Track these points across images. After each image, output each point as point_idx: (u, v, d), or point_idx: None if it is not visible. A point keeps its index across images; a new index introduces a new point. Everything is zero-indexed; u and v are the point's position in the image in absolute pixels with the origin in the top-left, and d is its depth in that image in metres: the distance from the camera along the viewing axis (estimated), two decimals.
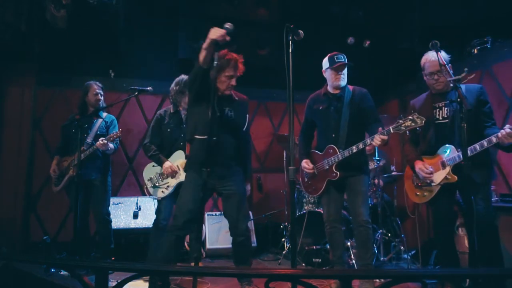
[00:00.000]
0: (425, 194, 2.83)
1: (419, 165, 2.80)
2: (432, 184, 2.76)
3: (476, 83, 2.96)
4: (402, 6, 4.76)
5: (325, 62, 3.18)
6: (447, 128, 2.74)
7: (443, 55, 2.61)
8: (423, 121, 2.61)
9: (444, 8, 4.37)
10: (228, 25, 2.47)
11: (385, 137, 2.78)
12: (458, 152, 2.62)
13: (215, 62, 2.43)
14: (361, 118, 3.13)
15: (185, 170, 2.95)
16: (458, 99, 2.23)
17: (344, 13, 4.99)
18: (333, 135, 3.11)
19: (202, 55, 2.58)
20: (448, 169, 2.67)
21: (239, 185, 2.88)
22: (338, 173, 3.05)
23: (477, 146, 2.53)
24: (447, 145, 2.71)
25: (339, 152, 3.03)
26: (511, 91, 3.81)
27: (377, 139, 2.80)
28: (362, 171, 3.11)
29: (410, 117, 2.66)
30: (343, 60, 3.09)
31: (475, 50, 4.09)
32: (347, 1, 4.94)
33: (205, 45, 2.52)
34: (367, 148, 3.09)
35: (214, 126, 2.59)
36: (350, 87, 3.19)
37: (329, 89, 3.20)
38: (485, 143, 2.50)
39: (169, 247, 2.73)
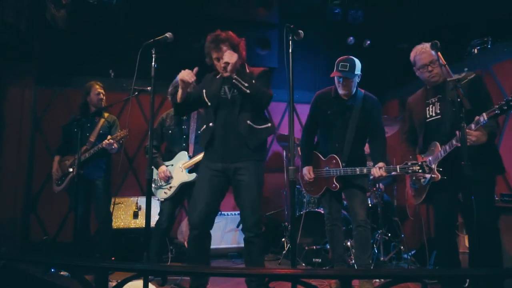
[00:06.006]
0: (417, 194, 2.75)
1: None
2: (423, 183, 2.66)
3: None
4: (402, 6, 4.77)
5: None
6: (437, 124, 2.62)
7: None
8: (430, 171, 2.57)
9: (444, 8, 4.37)
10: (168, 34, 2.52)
11: (384, 174, 2.81)
12: (441, 149, 2.53)
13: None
14: (366, 130, 3.07)
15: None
16: (459, 99, 2.11)
17: (344, 13, 5.00)
18: (337, 145, 3.05)
19: (178, 94, 2.60)
20: (433, 167, 2.58)
21: (252, 174, 2.57)
22: (338, 185, 3.03)
23: (446, 147, 2.46)
24: (433, 142, 2.61)
25: (342, 166, 3.00)
26: (511, 91, 3.81)
27: (376, 172, 2.83)
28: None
29: (419, 162, 2.61)
30: (344, 69, 2.94)
31: (475, 50, 4.08)
32: (347, 1, 4.94)
33: (180, 89, 2.56)
34: (366, 149, 3.08)
35: (210, 113, 2.62)
36: (362, 91, 3.08)
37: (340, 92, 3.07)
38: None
39: (190, 247, 2.66)
